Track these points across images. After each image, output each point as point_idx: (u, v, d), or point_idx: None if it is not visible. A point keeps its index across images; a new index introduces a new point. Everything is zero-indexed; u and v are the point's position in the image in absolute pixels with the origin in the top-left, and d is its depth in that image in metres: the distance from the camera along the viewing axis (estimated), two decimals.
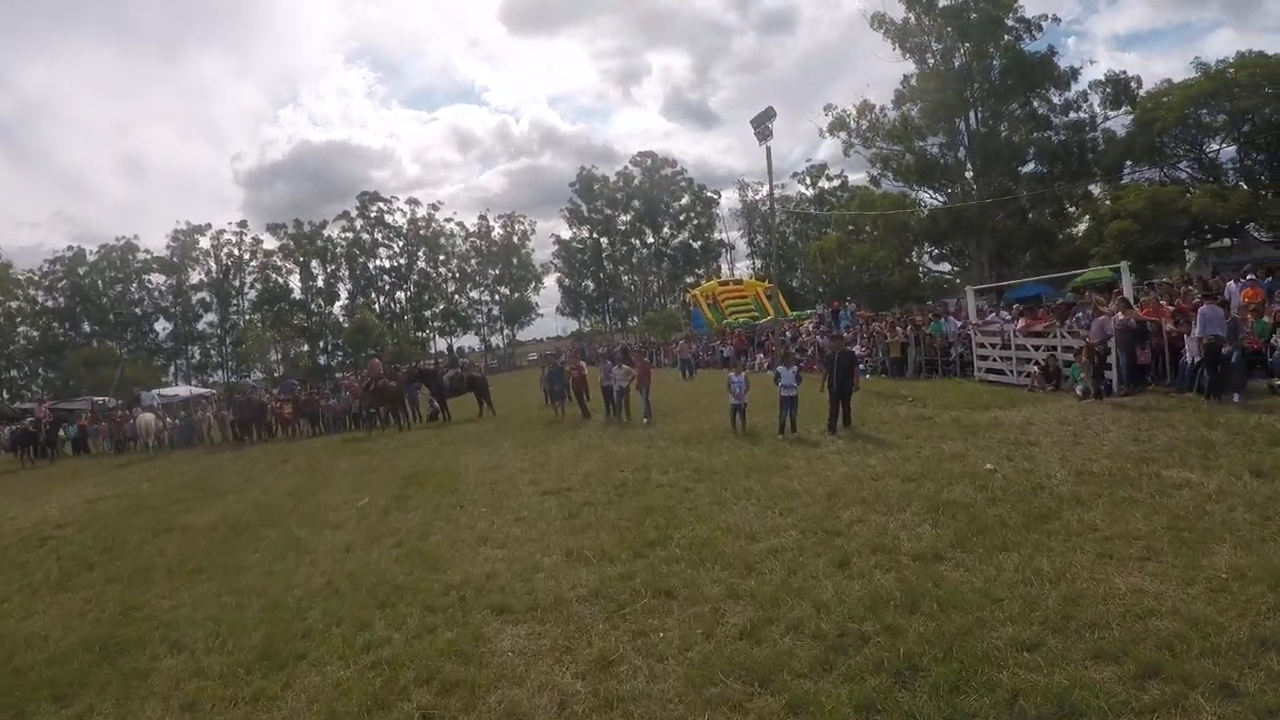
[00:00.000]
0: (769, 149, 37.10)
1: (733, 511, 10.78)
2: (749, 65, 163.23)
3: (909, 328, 29.36)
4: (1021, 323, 22.87)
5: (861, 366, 30.14)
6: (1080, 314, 18.76)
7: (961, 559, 7.93)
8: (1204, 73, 46.28)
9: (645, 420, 21.87)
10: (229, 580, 10.34)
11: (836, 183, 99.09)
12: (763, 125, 36.55)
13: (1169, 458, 11.23)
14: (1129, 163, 52.13)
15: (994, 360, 23.24)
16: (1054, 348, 20.52)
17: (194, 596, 9.82)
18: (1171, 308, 19.47)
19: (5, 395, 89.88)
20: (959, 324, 27.92)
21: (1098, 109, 53.20)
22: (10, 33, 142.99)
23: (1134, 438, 12.92)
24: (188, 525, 14.81)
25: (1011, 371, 22.26)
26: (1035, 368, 20.77)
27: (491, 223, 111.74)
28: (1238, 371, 15.80)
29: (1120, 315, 18.27)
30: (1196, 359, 16.44)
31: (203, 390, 68.14)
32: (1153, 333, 18.40)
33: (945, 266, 68.63)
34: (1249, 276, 20.77)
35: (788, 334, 40.19)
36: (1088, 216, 55.50)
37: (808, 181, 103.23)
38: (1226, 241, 42.47)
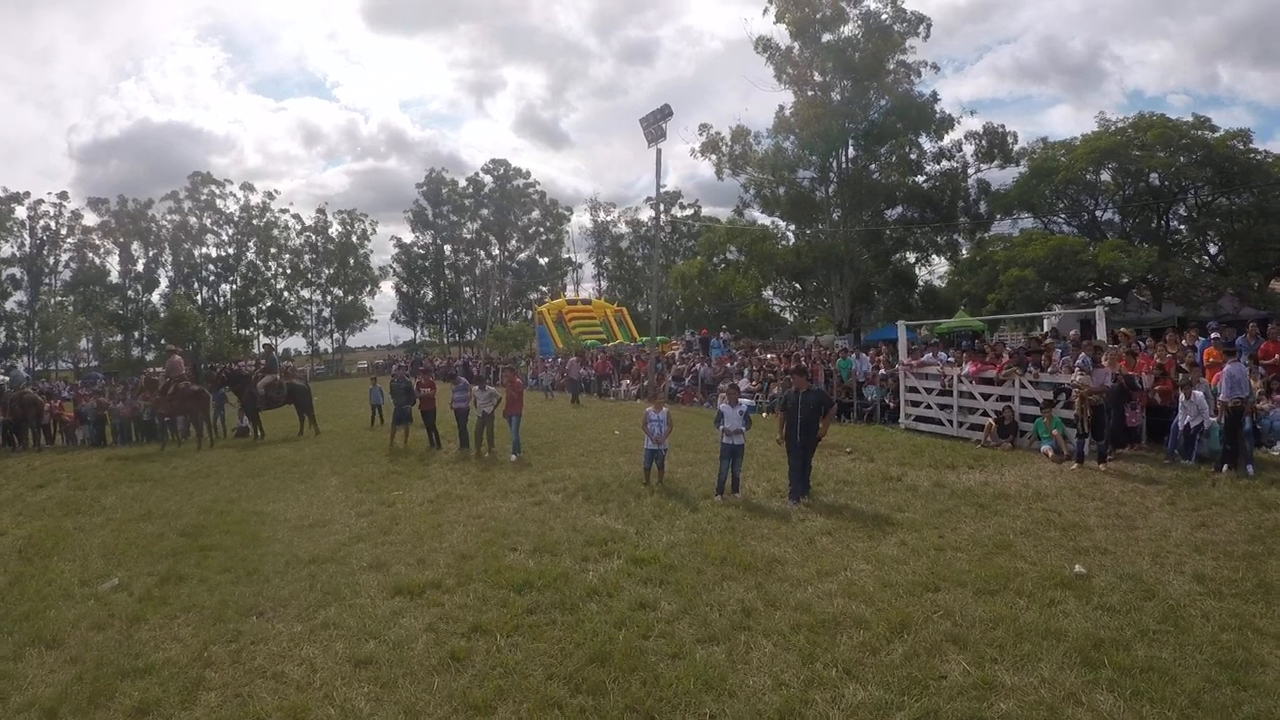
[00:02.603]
0: (659, 151, 33.48)
1: (751, 666, 6.53)
2: (604, 91, 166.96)
3: (810, 363, 25.81)
4: (971, 366, 19.44)
5: (750, 404, 26.90)
6: (1081, 359, 15.55)
7: None
8: (1104, 128, 45.28)
9: (514, 457, 17.51)
10: None
11: (689, 211, 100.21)
12: (655, 124, 33.04)
13: None
14: (998, 215, 51.05)
15: (928, 407, 20.40)
16: (1009, 398, 17.95)
17: None
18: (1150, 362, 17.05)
19: None
20: (869, 363, 25.17)
21: (970, 159, 51.89)
22: None
23: (1199, 523, 10.49)
24: None
25: (951, 421, 19.55)
26: (989, 420, 18.10)
27: (330, 218, 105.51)
28: (1249, 440, 13.95)
29: (1106, 368, 15.18)
30: (1195, 423, 14.52)
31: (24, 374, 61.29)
32: (1140, 390, 16.32)
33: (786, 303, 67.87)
34: (1214, 335, 17.92)
35: (688, 361, 35.85)
36: (948, 263, 54.71)
37: (661, 207, 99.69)
38: (1111, 300, 41.78)
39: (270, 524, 12.27)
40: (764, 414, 24.60)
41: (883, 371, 23.88)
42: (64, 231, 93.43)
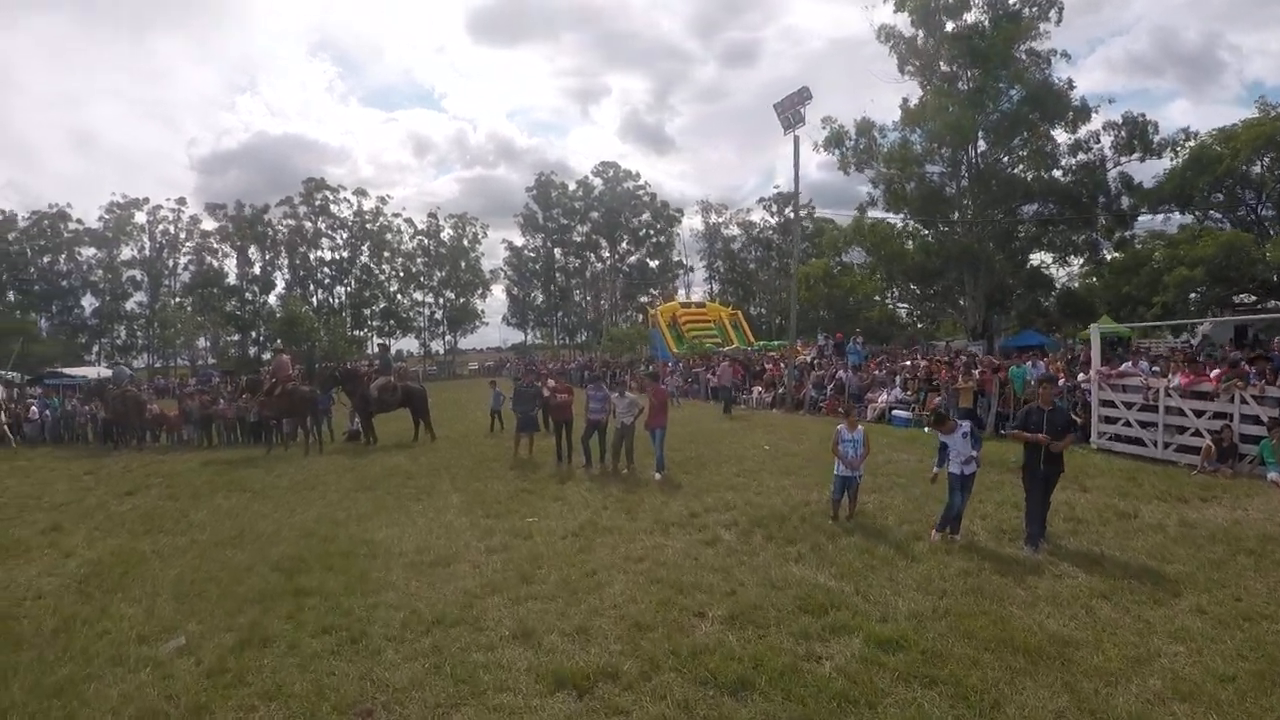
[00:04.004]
0: (797, 138, 30.76)
1: None
2: (708, 94, 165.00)
3: (979, 370, 22.87)
4: (1181, 378, 16.36)
5: (906, 415, 24.05)
6: None
7: None
8: (1264, 113, 41.36)
9: (657, 476, 15.03)
10: None
11: (804, 212, 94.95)
12: (792, 109, 30.18)
13: None
14: (1143, 210, 47.74)
15: (1126, 424, 17.28)
16: (1226, 415, 15.28)
17: None
18: None
19: None
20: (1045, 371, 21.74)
21: (1108, 151, 48.14)
22: None
23: None
24: None
25: (1155, 442, 16.47)
26: (1205, 441, 15.23)
27: (442, 222, 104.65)
28: None
29: None
30: None
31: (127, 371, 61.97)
32: None
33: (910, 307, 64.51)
34: None
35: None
36: (1087, 263, 51.48)
37: (774, 209, 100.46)
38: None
39: (382, 559, 9.98)
40: (925, 429, 21.96)
41: (1063, 382, 20.86)
42: (182, 235, 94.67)
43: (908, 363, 29.80)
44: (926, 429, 21.35)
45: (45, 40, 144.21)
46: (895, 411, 24.17)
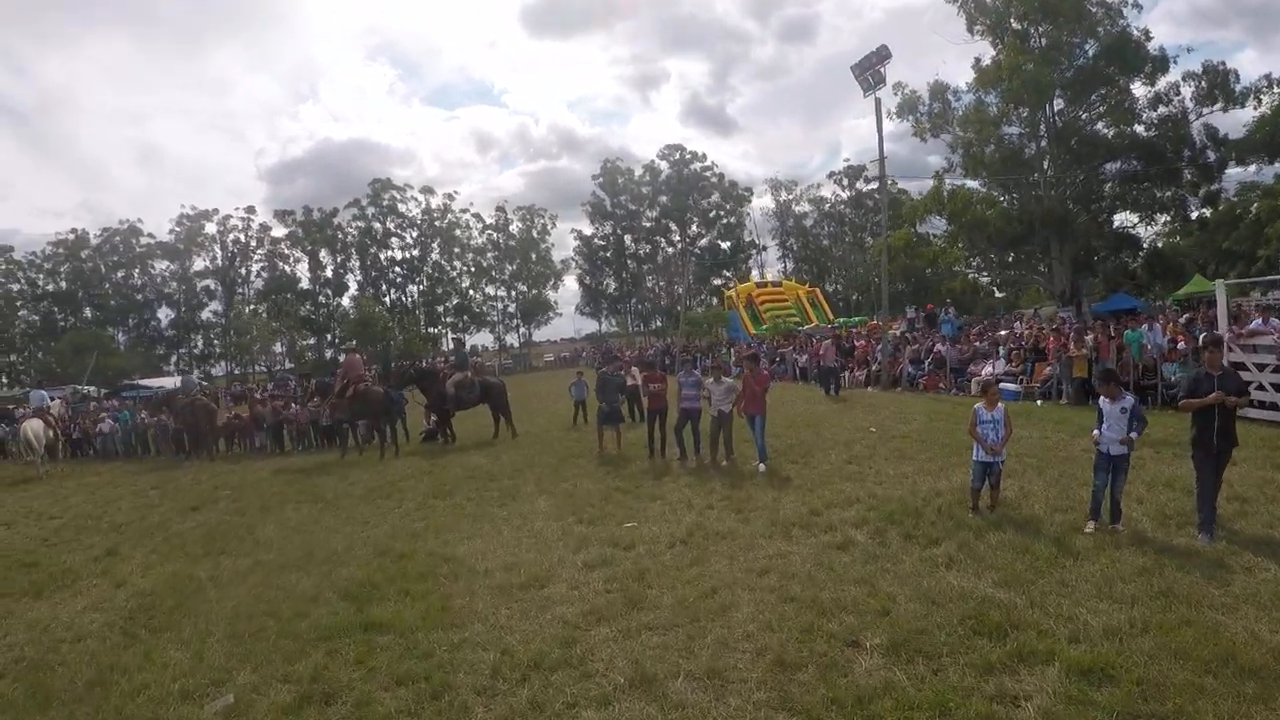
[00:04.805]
0: (878, 100, 29.09)
1: None
2: (768, 72, 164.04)
3: (1092, 336, 21.09)
4: None
5: (1014, 388, 22.30)
6: None
7: None
8: None
9: (761, 468, 13.64)
10: None
11: (874, 185, 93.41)
12: (871, 69, 28.54)
13: None
14: (1231, 162, 46.22)
15: (1259, 388, 15.28)
16: None
17: None
18: None
19: (3, 380, 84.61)
20: (1162, 334, 20.61)
21: (1189, 103, 46.42)
22: (35, 25, 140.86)
23: None
24: None
25: None
26: None
27: (510, 215, 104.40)
28: None
29: None
30: None
31: (196, 380, 63.01)
32: None
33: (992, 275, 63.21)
34: None
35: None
36: (1174, 221, 51.17)
37: (844, 183, 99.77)
38: None
39: (465, 580, 8.67)
40: (1038, 401, 20.19)
41: (1183, 345, 19.06)
42: (253, 243, 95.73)
43: (1005, 331, 28.10)
44: (1039, 402, 19.81)
45: (106, 61, 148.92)
46: (1003, 385, 22.42)
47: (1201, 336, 16.54)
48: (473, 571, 8.93)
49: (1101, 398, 9.18)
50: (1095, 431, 9.09)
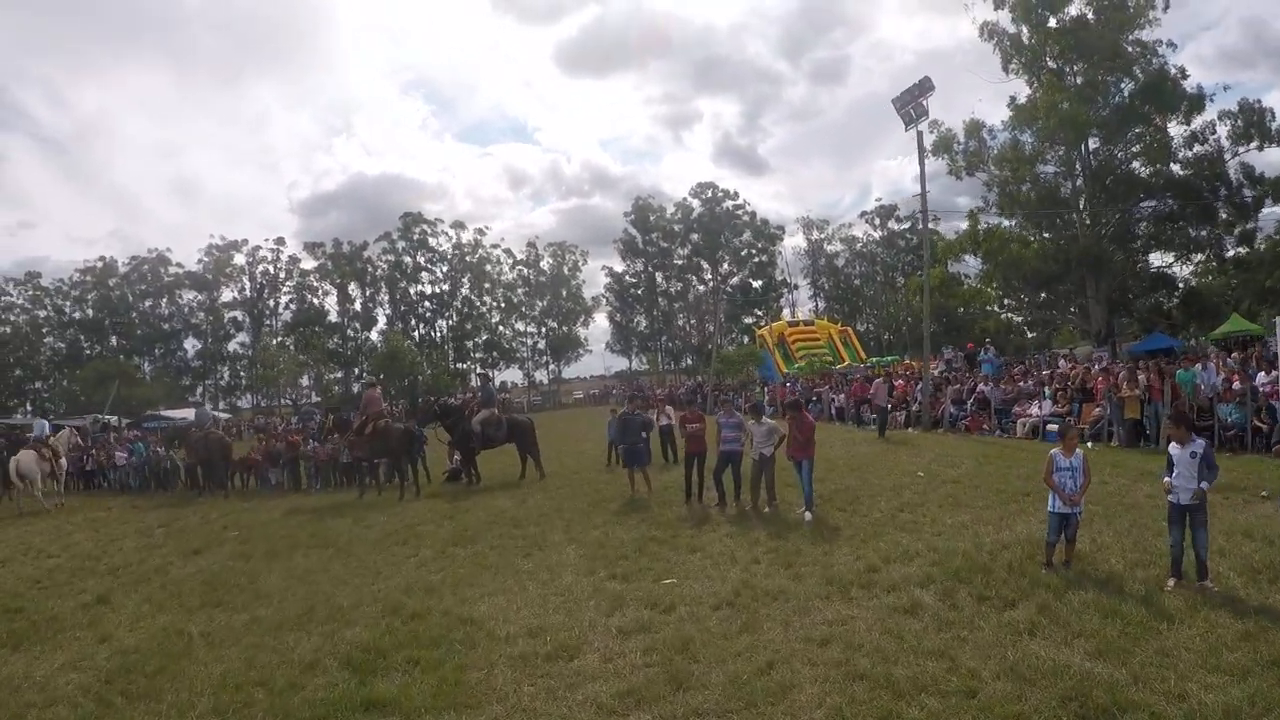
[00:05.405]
0: (920, 134, 28.17)
1: None
2: (799, 113, 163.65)
3: (1144, 376, 19.99)
4: None
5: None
6: None
7: None
8: None
9: (807, 515, 12.62)
10: None
11: (906, 225, 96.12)
12: (914, 102, 27.64)
13: None
14: (1267, 200, 45.57)
15: None
16: None
17: None
18: None
19: (28, 408, 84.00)
20: (1215, 374, 19.75)
21: (1225, 142, 46.02)
22: (72, 56, 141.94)
23: None
24: None
25: None
26: None
27: (541, 251, 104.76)
28: None
29: None
30: None
31: (223, 414, 62.79)
32: None
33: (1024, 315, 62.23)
34: None
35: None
36: (1211, 259, 50.14)
37: (875, 222, 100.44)
38: None
39: (484, 647, 7.66)
40: (1089, 444, 19.11)
41: (1238, 385, 18.19)
42: (282, 275, 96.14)
43: (1048, 371, 27.07)
44: (1090, 444, 18.76)
45: (142, 93, 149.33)
46: (1050, 426, 21.35)
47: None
48: (492, 637, 7.92)
49: (1171, 442, 8.40)
50: (1165, 479, 8.27)
